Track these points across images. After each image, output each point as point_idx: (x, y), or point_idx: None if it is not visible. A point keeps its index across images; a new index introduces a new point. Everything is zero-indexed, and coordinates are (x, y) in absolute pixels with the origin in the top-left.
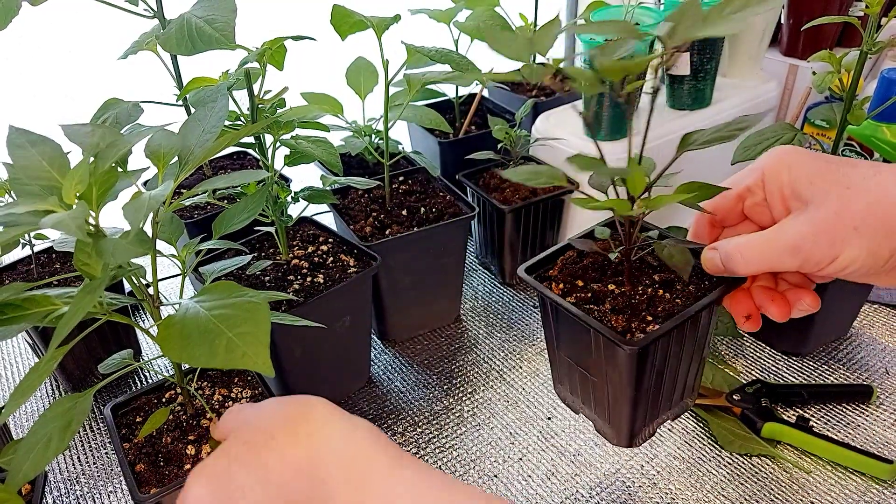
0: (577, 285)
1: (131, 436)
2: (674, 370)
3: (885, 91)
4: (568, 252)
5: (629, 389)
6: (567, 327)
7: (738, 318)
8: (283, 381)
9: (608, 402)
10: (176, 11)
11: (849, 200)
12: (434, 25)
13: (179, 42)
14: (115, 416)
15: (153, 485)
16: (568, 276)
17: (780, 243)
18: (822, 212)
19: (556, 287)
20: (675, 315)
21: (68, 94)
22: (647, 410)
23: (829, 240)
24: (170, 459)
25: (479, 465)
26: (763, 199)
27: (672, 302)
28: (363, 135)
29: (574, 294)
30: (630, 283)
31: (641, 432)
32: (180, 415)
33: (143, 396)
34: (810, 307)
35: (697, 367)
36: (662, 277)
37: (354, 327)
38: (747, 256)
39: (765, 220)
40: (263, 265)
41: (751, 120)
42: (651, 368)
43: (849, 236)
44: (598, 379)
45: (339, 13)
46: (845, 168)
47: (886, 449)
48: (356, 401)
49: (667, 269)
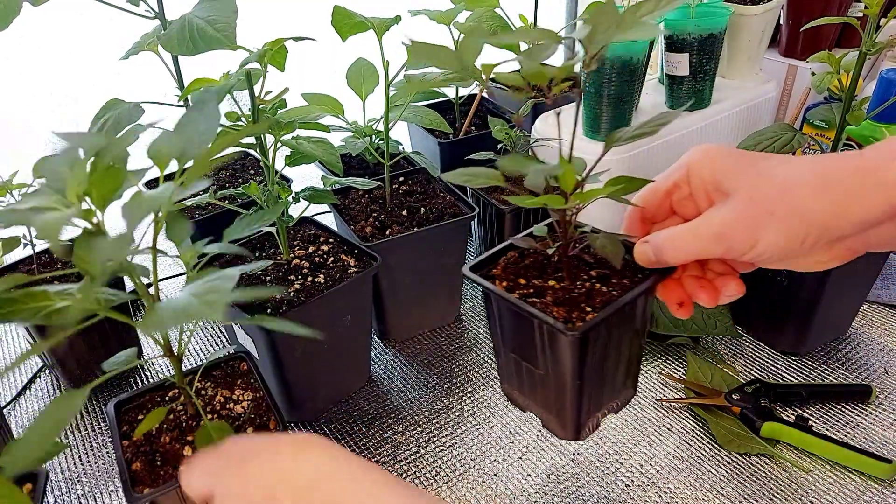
0: (519, 283)
1: (131, 434)
2: (614, 358)
3: (884, 91)
4: (510, 252)
5: (573, 378)
6: (511, 322)
7: (671, 306)
8: (284, 379)
9: (553, 394)
10: (177, 12)
11: (761, 187)
12: (434, 26)
13: (181, 43)
14: (118, 413)
15: (147, 484)
16: (511, 274)
17: (706, 232)
18: (740, 200)
19: (499, 284)
20: (612, 304)
21: (69, 94)
22: (591, 399)
23: (747, 226)
24: (167, 459)
25: (480, 464)
26: (689, 193)
27: (609, 294)
28: (364, 135)
29: (517, 291)
30: (569, 278)
31: (587, 423)
32: (181, 415)
33: (147, 394)
34: (736, 292)
35: (637, 354)
36: (599, 272)
37: (355, 327)
38: (677, 246)
39: (691, 213)
40: (264, 265)
41: (668, 116)
42: (593, 355)
43: (765, 221)
44: (543, 371)
45: (339, 14)
46: (760, 160)
47: (885, 448)
48: (356, 400)
49: (603, 264)
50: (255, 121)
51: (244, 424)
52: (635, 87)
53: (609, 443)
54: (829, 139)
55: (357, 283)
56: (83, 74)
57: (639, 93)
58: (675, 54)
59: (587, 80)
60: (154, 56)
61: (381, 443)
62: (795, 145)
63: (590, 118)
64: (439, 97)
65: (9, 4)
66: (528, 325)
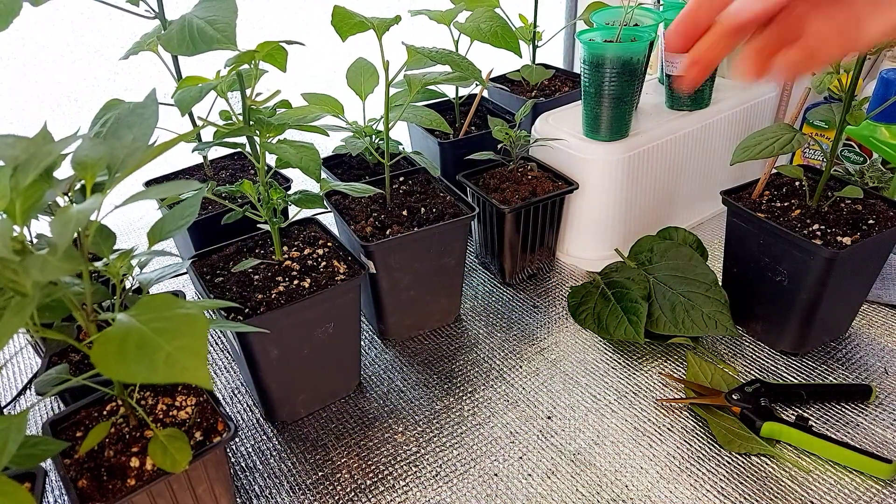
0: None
1: (72, 451)
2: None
3: (884, 91)
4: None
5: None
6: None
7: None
8: (259, 381)
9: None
10: (177, 12)
11: None
12: (434, 26)
13: (180, 43)
14: (54, 433)
15: (97, 500)
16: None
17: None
18: None
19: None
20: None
21: (70, 94)
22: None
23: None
24: (113, 473)
25: (480, 464)
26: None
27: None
28: (364, 135)
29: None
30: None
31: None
32: (122, 427)
33: (82, 410)
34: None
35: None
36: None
37: (339, 335)
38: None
39: None
40: (251, 263)
41: None
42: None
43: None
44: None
45: (339, 14)
46: None
47: (885, 448)
48: (357, 400)
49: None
50: (246, 121)
51: (191, 429)
52: (635, 87)
53: (609, 443)
54: (828, 139)
55: (340, 291)
56: (83, 74)
57: (639, 93)
58: (675, 54)
59: (587, 80)
60: (154, 56)
61: (381, 443)
62: (795, 145)
63: (590, 118)
64: (439, 97)
65: (9, 4)
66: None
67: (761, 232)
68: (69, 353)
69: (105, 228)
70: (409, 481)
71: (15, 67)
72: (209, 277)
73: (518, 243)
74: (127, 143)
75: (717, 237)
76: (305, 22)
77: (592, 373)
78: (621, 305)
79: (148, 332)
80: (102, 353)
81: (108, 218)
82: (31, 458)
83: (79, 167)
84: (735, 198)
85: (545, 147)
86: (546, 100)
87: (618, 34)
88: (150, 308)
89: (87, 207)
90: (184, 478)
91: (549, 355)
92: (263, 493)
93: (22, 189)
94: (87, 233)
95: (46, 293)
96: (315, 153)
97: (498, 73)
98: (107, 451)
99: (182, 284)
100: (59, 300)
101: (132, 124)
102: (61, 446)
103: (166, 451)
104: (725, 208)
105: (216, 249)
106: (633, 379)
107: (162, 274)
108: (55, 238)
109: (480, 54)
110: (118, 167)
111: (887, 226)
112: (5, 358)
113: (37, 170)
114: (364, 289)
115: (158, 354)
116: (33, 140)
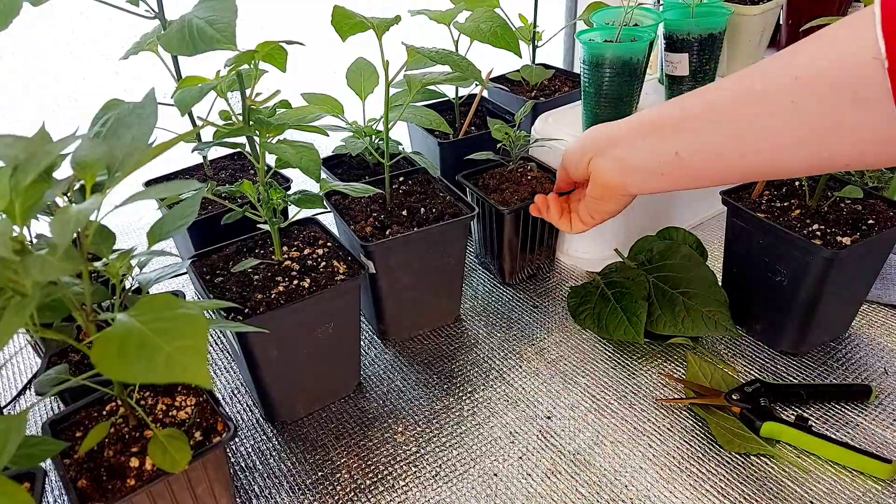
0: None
1: (72, 451)
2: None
3: None
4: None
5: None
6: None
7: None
8: (258, 381)
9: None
10: (177, 12)
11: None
12: (434, 26)
13: (180, 43)
14: (54, 433)
15: (96, 500)
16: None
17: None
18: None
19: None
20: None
21: (69, 94)
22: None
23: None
24: (113, 473)
25: (479, 464)
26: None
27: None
28: (363, 135)
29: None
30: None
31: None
32: (122, 427)
33: (82, 410)
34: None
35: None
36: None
37: (339, 335)
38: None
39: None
40: (251, 264)
41: None
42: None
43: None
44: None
45: (339, 14)
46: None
47: (885, 448)
48: (356, 400)
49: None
50: (245, 121)
51: (191, 429)
52: (635, 87)
53: (609, 443)
54: None
55: (340, 291)
56: (83, 74)
57: (639, 93)
58: (675, 54)
59: (587, 80)
60: (154, 56)
61: (381, 443)
62: None
63: (590, 118)
64: (439, 97)
65: (8, 4)
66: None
67: (761, 232)
68: (69, 353)
69: (105, 228)
70: (409, 481)
71: (15, 67)
72: (209, 277)
73: (518, 243)
74: (126, 143)
75: (716, 237)
76: (305, 22)
77: (592, 373)
78: (621, 305)
79: (148, 332)
80: (102, 353)
81: (107, 218)
82: (31, 459)
83: (78, 167)
84: (735, 198)
85: (545, 147)
86: (546, 100)
87: (617, 34)
88: (149, 308)
89: (86, 207)
90: (183, 478)
91: (549, 355)
92: (263, 493)
93: (21, 189)
94: (87, 233)
95: (46, 293)
96: (315, 153)
97: (498, 73)
98: (106, 451)
99: (182, 284)
100: (59, 300)
101: (131, 124)
102: (61, 446)
103: (166, 451)
104: (725, 208)
105: (216, 249)
106: (633, 379)
107: (161, 274)
108: (55, 238)
109: (480, 54)
110: (118, 167)
111: (887, 226)
112: (5, 358)
113: (36, 170)
114: (364, 289)
115: (158, 354)
116: (33, 140)
